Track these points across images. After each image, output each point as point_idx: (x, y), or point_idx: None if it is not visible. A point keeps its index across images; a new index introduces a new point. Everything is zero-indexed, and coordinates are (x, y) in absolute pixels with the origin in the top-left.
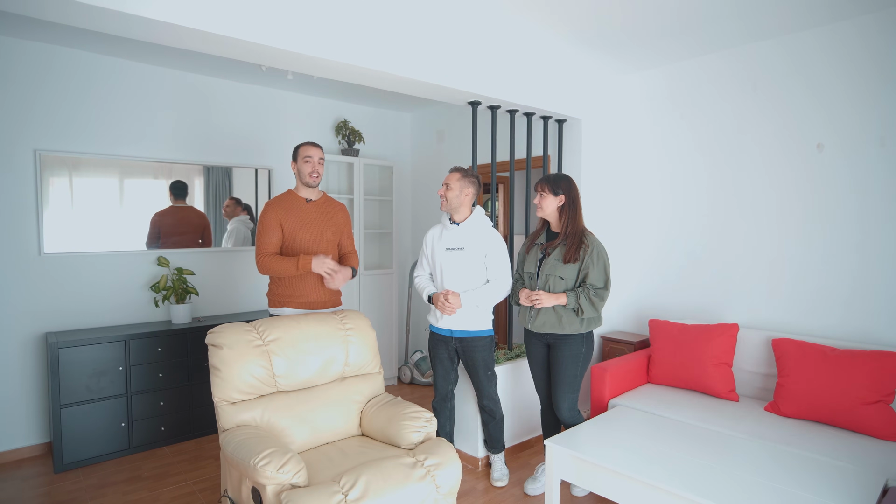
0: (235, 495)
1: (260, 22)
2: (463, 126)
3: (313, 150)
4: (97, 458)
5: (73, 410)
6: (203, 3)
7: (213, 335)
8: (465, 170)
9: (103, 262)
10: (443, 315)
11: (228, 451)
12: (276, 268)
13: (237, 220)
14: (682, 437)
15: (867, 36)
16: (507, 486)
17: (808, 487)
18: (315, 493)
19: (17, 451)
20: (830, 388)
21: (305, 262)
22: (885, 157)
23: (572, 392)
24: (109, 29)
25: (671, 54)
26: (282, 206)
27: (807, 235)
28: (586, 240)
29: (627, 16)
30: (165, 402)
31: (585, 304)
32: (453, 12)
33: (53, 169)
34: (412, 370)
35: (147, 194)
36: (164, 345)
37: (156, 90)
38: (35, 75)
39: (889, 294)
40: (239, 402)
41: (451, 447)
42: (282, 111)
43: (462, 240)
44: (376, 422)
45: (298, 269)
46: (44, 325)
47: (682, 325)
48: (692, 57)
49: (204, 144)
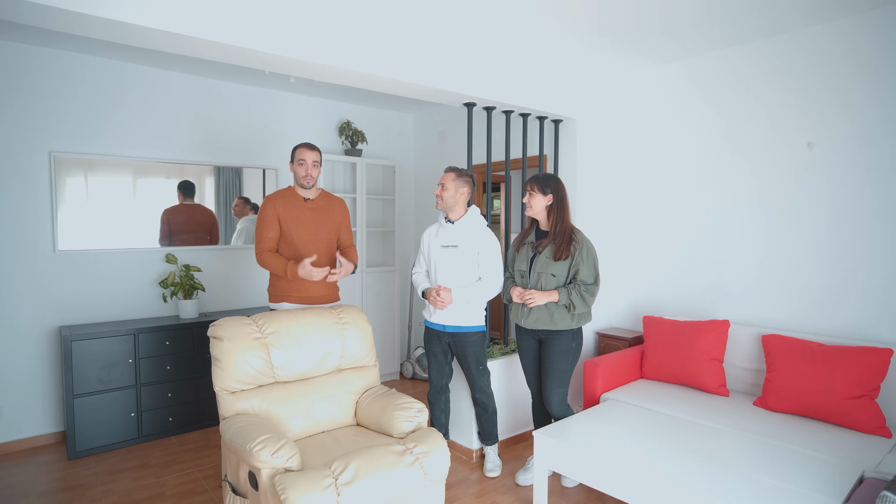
0: (234, 479)
1: (261, 30)
2: (464, 126)
3: (307, 153)
4: (108, 447)
5: (85, 401)
6: (207, 14)
7: (214, 328)
8: (460, 170)
9: (114, 259)
10: (436, 310)
11: (227, 437)
12: (271, 264)
13: (246, 220)
14: (670, 430)
15: (864, 35)
16: (500, 477)
17: (785, 478)
18: (307, 476)
19: (33, 439)
20: (817, 384)
21: (292, 269)
22: (874, 155)
23: (562, 386)
24: (123, 40)
25: (670, 53)
26: (280, 201)
27: (797, 233)
28: (576, 237)
29: (621, 14)
30: (173, 393)
31: (577, 300)
32: (452, 13)
33: (68, 169)
34: (414, 365)
35: (159, 194)
36: (172, 338)
37: (165, 93)
38: (50, 80)
39: (876, 291)
40: (238, 391)
41: (440, 436)
42: (287, 113)
43: (456, 238)
44: (370, 412)
45: (287, 274)
46: (58, 318)
47: (674, 322)
48: (689, 56)
49: (214, 145)
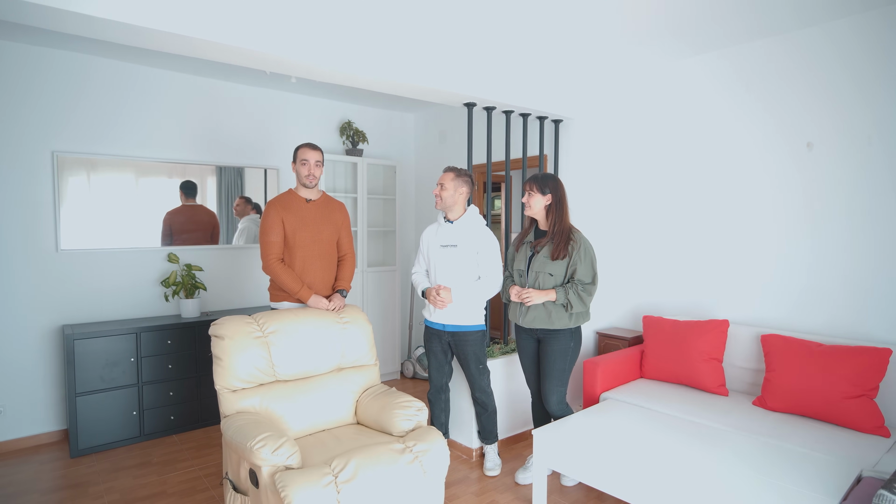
0: (235, 477)
1: (262, 31)
2: (464, 126)
3: (310, 153)
4: (110, 445)
5: (87, 399)
6: (209, 15)
7: (215, 326)
8: (459, 169)
9: (117, 259)
10: (436, 309)
11: (228, 435)
12: (282, 278)
13: (248, 219)
14: (669, 429)
15: (863, 35)
16: (499, 476)
17: (783, 477)
18: (307, 474)
19: (35, 437)
20: (816, 383)
21: (306, 294)
22: (873, 155)
23: (561, 385)
24: (126, 41)
25: (669, 53)
26: (282, 206)
27: (797, 233)
28: (574, 237)
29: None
30: (175, 392)
31: (574, 299)
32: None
33: (71, 169)
34: (414, 365)
35: (161, 193)
36: (174, 337)
37: (168, 93)
38: (53, 81)
39: (876, 291)
40: (239, 389)
41: (440, 435)
42: (288, 113)
43: (455, 237)
44: (370, 410)
45: (297, 296)
46: (60, 317)
47: (674, 321)
48: (687, 56)
49: (216, 145)
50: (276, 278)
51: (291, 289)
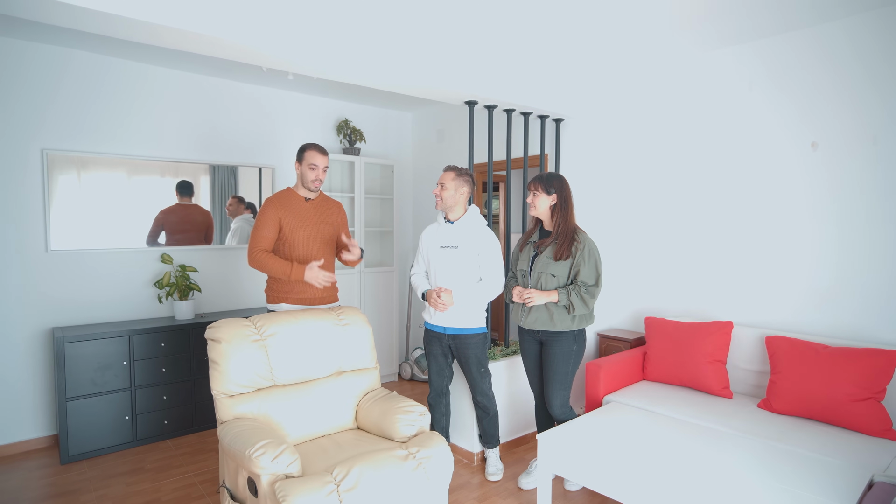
0: (232, 485)
1: (259, 26)
2: (463, 125)
3: (320, 157)
4: (102, 451)
5: (78, 403)
6: (204, 10)
7: (211, 330)
8: (460, 169)
9: (109, 259)
10: (436, 312)
11: (226, 442)
12: (269, 265)
13: (241, 219)
14: (673, 432)
15: (860, 35)
16: (502, 481)
17: (794, 482)
18: (308, 482)
19: (24, 443)
20: (822, 386)
21: (298, 271)
22: (878, 154)
23: (564, 389)
24: (118, 34)
25: (669, 50)
26: (281, 204)
27: (801, 234)
28: (578, 237)
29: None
30: (168, 396)
31: (577, 301)
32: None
33: (61, 167)
34: (412, 367)
35: (154, 193)
36: (167, 340)
37: (161, 91)
38: (42, 76)
39: (881, 292)
40: (237, 395)
41: (443, 440)
42: (284, 111)
43: (456, 238)
44: (371, 415)
45: (290, 276)
46: (50, 320)
47: (677, 323)
48: (687, 54)
49: (209, 144)
50: (263, 267)
51: (282, 271)
